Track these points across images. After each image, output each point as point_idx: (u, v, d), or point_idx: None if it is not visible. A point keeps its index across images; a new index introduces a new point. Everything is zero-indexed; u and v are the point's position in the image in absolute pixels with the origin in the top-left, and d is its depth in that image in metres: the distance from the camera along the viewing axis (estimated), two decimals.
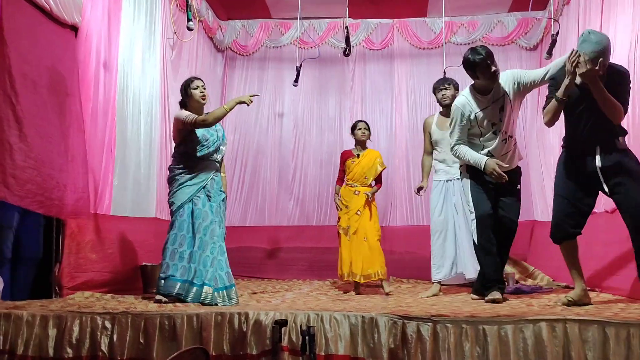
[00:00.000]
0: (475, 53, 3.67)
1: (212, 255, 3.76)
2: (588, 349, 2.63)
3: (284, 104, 7.34)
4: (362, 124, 5.10)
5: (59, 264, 3.98)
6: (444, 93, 4.61)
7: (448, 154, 4.39)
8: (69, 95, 4.07)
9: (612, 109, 3.22)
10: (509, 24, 6.95)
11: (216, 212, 3.88)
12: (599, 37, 3.22)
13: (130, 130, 4.93)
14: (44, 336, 3.07)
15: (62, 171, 3.89)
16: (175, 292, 3.71)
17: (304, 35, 7.12)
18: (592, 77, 3.18)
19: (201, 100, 3.98)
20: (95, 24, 4.40)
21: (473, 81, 3.80)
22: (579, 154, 3.41)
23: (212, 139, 3.97)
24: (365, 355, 2.87)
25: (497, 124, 3.75)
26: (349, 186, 4.99)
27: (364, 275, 4.74)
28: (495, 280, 3.81)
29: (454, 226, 4.55)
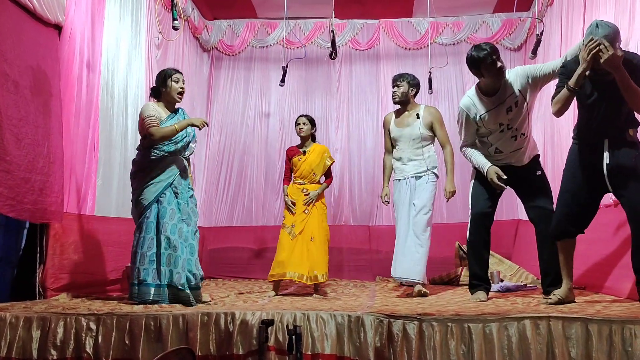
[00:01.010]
0: (479, 49, 3.57)
1: (182, 256, 3.64)
2: (571, 346, 2.67)
3: (270, 104, 7.34)
4: (301, 119, 4.89)
5: (42, 265, 3.94)
6: (394, 91, 4.46)
7: (405, 152, 4.37)
8: (52, 95, 4.03)
9: (634, 96, 3.03)
10: (493, 24, 7.01)
11: (184, 210, 3.74)
12: (609, 24, 3.06)
13: (115, 131, 4.90)
14: (28, 338, 3.04)
15: (40, 174, 3.83)
16: (151, 299, 3.58)
17: (290, 35, 7.12)
18: (616, 63, 2.98)
19: (177, 97, 3.83)
20: (79, 23, 4.36)
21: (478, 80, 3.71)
22: (588, 147, 3.30)
23: (180, 134, 3.77)
24: (351, 354, 2.88)
25: (504, 123, 3.66)
26: (296, 184, 4.79)
27: (310, 277, 4.50)
28: (481, 280, 3.84)
29: (403, 225, 4.37)
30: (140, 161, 3.80)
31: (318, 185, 4.80)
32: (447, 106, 7.04)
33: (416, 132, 4.36)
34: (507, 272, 5.54)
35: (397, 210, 4.46)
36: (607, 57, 2.96)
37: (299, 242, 4.59)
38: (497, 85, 3.63)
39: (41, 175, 3.84)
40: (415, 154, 4.36)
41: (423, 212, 4.28)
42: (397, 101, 4.46)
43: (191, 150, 3.95)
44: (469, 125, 3.76)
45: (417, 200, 4.29)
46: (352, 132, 7.17)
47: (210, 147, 7.26)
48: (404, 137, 4.39)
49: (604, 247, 3.99)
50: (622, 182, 3.18)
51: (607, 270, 3.97)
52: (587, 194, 3.30)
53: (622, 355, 2.62)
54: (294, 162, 4.84)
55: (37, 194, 3.79)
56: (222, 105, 7.34)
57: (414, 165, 4.35)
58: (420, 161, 4.35)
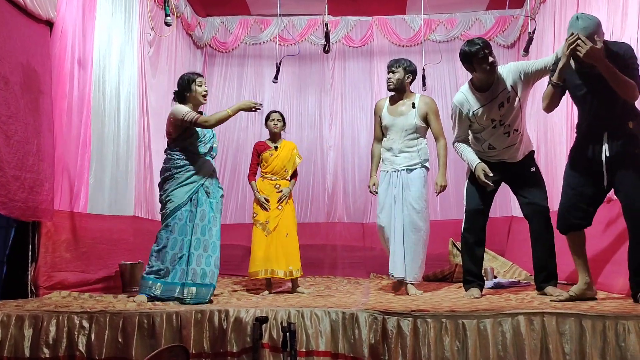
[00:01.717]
0: (472, 44, 3.56)
1: (205, 254, 3.70)
2: (565, 341, 2.68)
3: (264, 101, 7.29)
4: (275, 115, 4.87)
5: (34, 263, 3.91)
6: (388, 77, 4.27)
7: (396, 142, 4.22)
8: (42, 92, 3.99)
9: (623, 86, 2.99)
10: (486, 22, 7.02)
11: (216, 209, 3.80)
12: (590, 17, 3.07)
13: (107, 128, 4.87)
14: (20, 336, 3.01)
15: (30, 172, 3.80)
16: (175, 296, 3.61)
17: (283, 32, 7.11)
18: (596, 55, 2.98)
19: (202, 99, 3.88)
20: (71, 19, 4.33)
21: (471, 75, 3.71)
22: (588, 140, 3.27)
23: (208, 135, 3.91)
24: (345, 351, 2.88)
25: (496, 119, 3.66)
26: (267, 180, 4.74)
27: (286, 272, 4.54)
28: (474, 276, 3.85)
29: (393, 220, 4.19)
30: (170, 166, 3.81)
31: (288, 182, 4.80)
32: (441, 103, 6.99)
33: (410, 123, 4.20)
34: (501, 268, 5.56)
35: (384, 203, 4.25)
36: (586, 51, 2.96)
37: (273, 239, 4.60)
38: (490, 80, 3.63)
39: (31, 173, 3.81)
40: (407, 146, 4.21)
41: (422, 208, 4.17)
42: (392, 88, 4.29)
43: (216, 152, 4.05)
44: (462, 121, 3.76)
45: (413, 197, 4.15)
46: (345, 129, 7.17)
47: None
48: (396, 126, 4.23)
49: (596, 244, 4.00)
50: (620, 177, 3.15)
51: (599, 266, 3.98)
52: (590, 187, 3.28)
53: (616, 351, 2.63)
54: (264, 158, 4.77)
55: (27, 192, 3.76)
56: (215, 102, 7.30)
57: (405, 158, 4.20)
58: (412, 153, 4.20)
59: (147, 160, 5.56)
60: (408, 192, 4.16)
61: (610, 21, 4.20)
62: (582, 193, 3.29)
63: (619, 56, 3.06)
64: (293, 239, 4.69)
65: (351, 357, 2.87)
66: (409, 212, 4.14)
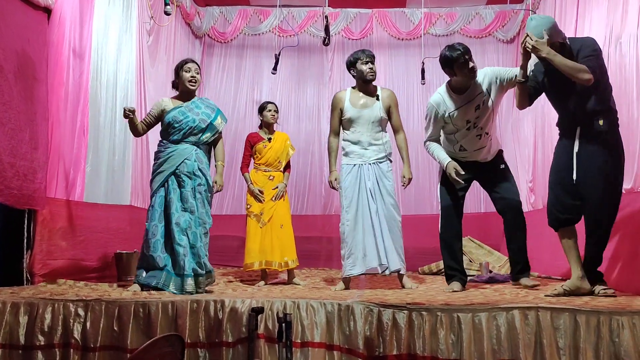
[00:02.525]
0: (453, 49, 3.65)
1: (182, 244, 3.64)
2: (559, 336, 2.69)
3: (262, 92, 7.30)
4: (271, 106, 4.86)
5: (30, 251, 3.91)
6: (371, 67, 4.13)
7: (364, 135, 4.10)
8: (37, 80, 3.96)
9: (571, 70, 3.14)
10: (486, 16, 7.01)
11: (186, 198, 3.72)
12: (542, 17, 3.34)
13: (103, 116, 4.85)
14: (15, 323, 3.01)
15: (23, 160, 3.79)
16: (154, 284, 3.61)
17: (282, 23, 7.08)
18: (541, 48, 3.18)
19: (189, 85, 3.84)
20: (69, 7, 4.30)
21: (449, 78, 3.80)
22: (566, 136, 3.39)
23: (185, 121, 3.77)
24: (341, 342, 2.89)
25: (471, 121, 3.76)
26: (261, 171, 4.76)
27: (281, 263, 4.57)
28: (455, 271, 3.89)
29: (369, 214, 4.04)
30: (155, 152, 3.89)
31: (282, 174, 4.82)
32: None
33: (376, 115, 4.11)
34: (496, 263, 5.58)
35: (352, 196, 4.06)
36: (532, 45, 3.21)
37: (268, 230, 4.62)
38: (468, 83, 3.72)
39: (25, 160, 3.79)
40: (374, 138, 4.12)
41: (394, 201, 4.14)
42: (374, 78, 4.19)
43: (207, 138, 3.89)
44: (437, 121, 3.83)
45: (388, 190, 4.09)
46: None
47: None
48: (362, 119, 4.11)
49: None
50: (584, 174, 3.25)
51: None
52: (570, 181, 3.32)
53: (610, 346, 2.65)
54: (258, 149, 4.77)
55: (22, 180, 3.75)
56: (213, 92, 7.30)
57: (374, 151, 4.11)
58: (379, 146, 4.12)
59: (143, 149, 5.55)
60: (383, 185, 4.09)
61: (610, 18, 4.20)
62: (565, 188, 3.35)
63: (579, 50, 3.23)
64: (288, 230, 4.70)
65: (346, 348, 2.87)
66: (388, 205, 4.07)
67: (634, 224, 3.67)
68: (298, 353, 2.87)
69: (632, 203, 3.73)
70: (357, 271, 4.00)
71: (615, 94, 4.01)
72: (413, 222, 4.85)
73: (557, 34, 3.26)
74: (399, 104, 7.01)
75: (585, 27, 4.68)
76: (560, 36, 3.27)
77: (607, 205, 3.22)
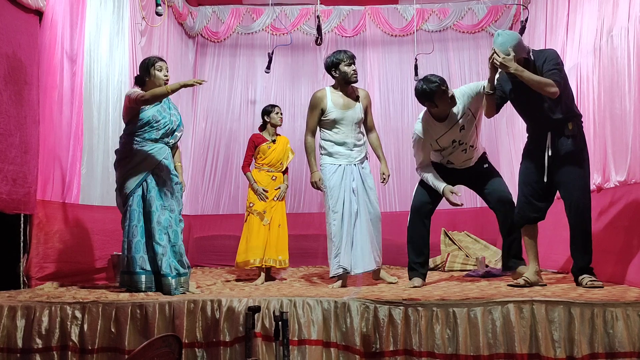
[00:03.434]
0: (429, 82, 3.69)
1: (162, 244, 3.61)
2: (554, 329, 2.71)
3: (256, 91, 7.30)
4: (278, 109, 4.95)
5: (26, 254, 3.90)
6: (354, 69, 4.12)
7: (349, 136, 4.10)
8: (28, 84, 3.94)
9: (538, 85, 3.33)
10: (479, 11, 7.01)
11: (165, 197, 3.71)
12: (508, 33, 3.49)
13: (97, 118, 4.84)
14: (12, 327, 3.02)
15: (12, 164, 3.76)
16: (142, 287, 3.57)
17: (275, 21, 7.07)
18: (508, 65, 3.35)
19: (163, 85, 3.75)
20: (60, 9, 4.29)
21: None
22: (535, 141, 3.57)
23: (163, 121, 3.75)
24: (337, 339, 2.90)
25: (457, 140, 3.82)
26: (264, 171, 4.86)
27: (277, 261, 4.72)
28: (416, 265, 3.95)
29: (355, 213, 4.06)
30: (122, 149, 3.77)
31: (282, 175, 4.94)
32: None
33: (358, 116, 4.15)
34: (492, 257, 5.60)
35: (338, 196, 4.05)
36: (499, 62, 3.38)
37: (269, 229, 4.73)
38: (448, 111, 3.76)
39: (14, 165, 3.77)
40: (357, 139, 4.16)
41: (376, 201, 4.22)
42: (357, 80, 4.18)
43: (176, 139, 3.90)
44: (425, 148, 3.91)
45: (372, 190, 4.17)
46: None
47: (196, 134, 7.22)
48: (347, 120, 4.11)
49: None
50: (560, 174, 3.44)
51: None
52: (540, 184, 3.53)
53: (604, 337, 2.67)
54: (262, 150, 4.87)
55: (10, 184, 3.72)
56: (207, 92, 7.29)
57: (358, 151, 4.15)
58: (362, 147, 4.20)
59: None
60: (368, 185, 4.17)
61: (601, 11, 4.21)
62: (533, 190, 3.57)
63: (544, 62, 3.41)
64: (284, 230, 4.84)
65: (343, 345, 2.89)
66: (374, 203, 4.16)
67: (628, 216, 3.69)
68: (295, 351, 2.88)
69: (626, 195, 3.76)
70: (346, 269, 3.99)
71: (607, 87, 4.05)
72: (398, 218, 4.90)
73: (522, 50, 3.45)
74: (394, 100, 7.18)
75: (577, 20, 4.70)
76: (525, 51, 3.46)
77: (587, 200, 3.42)
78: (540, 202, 3.56)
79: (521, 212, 3.62)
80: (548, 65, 3.39)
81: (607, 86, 4.05)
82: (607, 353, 2.67)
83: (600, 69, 4.16)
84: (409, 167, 6.92)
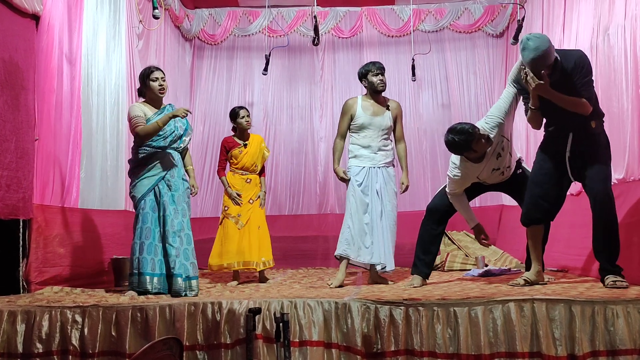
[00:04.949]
0: (459, 133, 3.58)
1: (175, 245, 3.70)
2: (555, 327, 2.72)
3: (254, 93, 7.30)
4: (244, 111, 4.89)
5: (26, 259, 3.89)
6: (381, 79, 4.30)
7: (374, 140, 4.28)
8: (24, 88, 3.93)
9: (574, 107, 3.28)
10: (475, 11, 7.02)
11: (178, 202, 3.81)
12: (537, 43, 3.19)
13: (95, 122, 4.83)
14: (12, 332, 3.01)
15: (7, 169, 3.73)
16: (151, 289, 3.64)
17: (272, 23, 7.07)
18: (542, 90, 3.27)
19: (158, 94, 3.90)
20: (57, 13, 4.28)
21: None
22: (554, 140, 3.49)
23: (168, 129, 3.86)
24: (339, 340, 2.90)
25: (496, 168, 3.79)
26: (238, 174, 4.85)
27: (259, 263, 4.71)
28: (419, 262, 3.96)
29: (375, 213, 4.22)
30: (134, 159, 3.91)
31: (258, 177, 4.93)
32: (430, 93, 7.07)
33: (386, 123, 4.32)
34: (492, 257, 5.60)
35: (363, 196, 4.22)
36: (533, 88, 3.27)
37: (246, 232, 4.73)
38: (486, 150, 3.69)
39: (8, 170, 3.75)
40: (383, 145, 4.32)
41: (396, 203, 4.36)
42: (384, 89, 4.37)
43: (185, 143, 4.03)
44: (465, 184, 3.87)
45: (392, 193, 4.30)
46: (336, 121, 7.04)
47: (194, 137, 7.19)
48: (374, 125, 4.29)
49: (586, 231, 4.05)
50: (585, 173, 3.36)
51: (588, 253, 4.03)
52: (554, 186, 3.48)
53: (605, 335, 2.67)
54: (234, 155, 4.85)
55: (4, 190, 3.70)
56: (205, 95, 7.29)
57: (383, 155, 4.30)
58: (387, 152, 4.33)
59: None
60: (390, 188, 4.30)
61: (598, 9, 4.23)
62: (543, 190, 3.50)
63: (573, 71, 3.28)
64: (264, 231, 4.84)
65: (344, 346, 2.89)
66: (391, 207, 4.27)
67: (627, 213, 3.70)
68: (296, 352, 2.88)
69: (625, 193, 3.76)
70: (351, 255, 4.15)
71: (604, 85, 4.06)
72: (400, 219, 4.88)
73: (552, 52, 3.25)
74: None
75: (574, 19, 4.71)
76: (554, 52, 3.27)
77: (611, 198, 3.33)
78: (547, 203, 3.50)
79: (527, 212, 3.57)
80: (579, 75, 3.27)
81: (604, 84, 4.06)
82: (608, 350, 2.67)
83: (597, 68, 4.16)
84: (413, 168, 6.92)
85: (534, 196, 3.53)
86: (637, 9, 3.66)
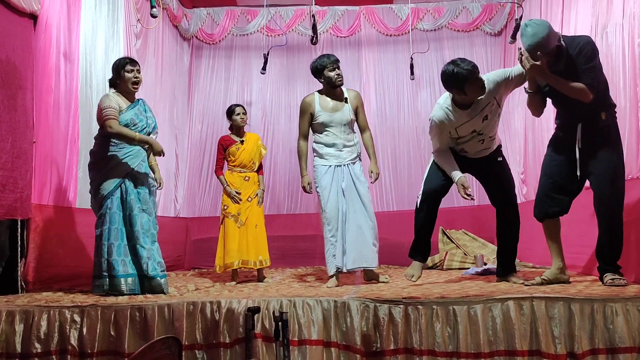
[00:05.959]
0: (460, 66, 3.44)
1: (146, 247, 3.66)
2: (554, 325, 2.72)
3: (252, 92, 7.30)
4: (239, 109, 4.88)
5: (24, 259, 3.89)
6: (338, 73, 4.18)
7: (338, 138, 4.17)
8: (22, 88, 3.92)
9: (572, 92, 3.19)
10: (473, 10, 7.02)
11: (144, 200, 3.72)
12: (535, 29, 3.14)
13: (94, 121, 4.81)
14: (11, 332, 3.00)
15: (3, 169, 3.71)
16: (125, 290, 3.57)
17: (270, 22, 7.07)
18: (537, 72, 3.21)
19: (132, 87, 3.76)
20: (55, 12, 4.27)
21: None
22: (564, 132, 3.41)
23: (140, 124, 3.75)
24: (338, 339, 2.90)
25: (477, 130, 3.65)
26: (236, 172, 4.84)
27: (256, 262, 4.72)
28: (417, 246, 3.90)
29: (345, 213, 4.14)
30: (98, 151, 3.77)
31: (256, 175, 4.91)
32: (429, 92, 7.06)
33: (347, 117, 4.19)
34: (491, 255, 5.60)
35: (329, 196, 4.14)
36: (527, 69, 3.21)
37: (244, 230, 4.74)
38: (474, 99, 3.56)
39: (4, 170, 3.73)
40: (347, 140, 4.20)
41: (370, 200, 4.23)
42: (342, 83, 4.23)
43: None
44: (443, 135, 3.71)
45: (364, 189, 4.18)
46: None
47: (193, 136, 7.22)
48: (335, 122, 4.18)
49: (584, 229, 4.05)
50: (592, 166, 3.28)
51: (587, 251, 4.03)
52: (566, 177, 3.39)
53: (604, 333, 2.68)
54: (231, 152, 4.85)
55: (0, 190, 3.70)
56: (203, 94, 7.29)
57: (348, 152, 4.19)
58: (352, 147, 4.22)
59: None
60: (359, 185, 4.18)
61: (596, 8, 4.22)
62: (557, 183, 3.41)
63: (577, 57, 3.18)
64: (262, 230, 4.84)
65: (343, 345, 2.89)
66: (365, 203, 4.16)
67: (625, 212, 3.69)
68: (296, 351, 2.88)
69: None
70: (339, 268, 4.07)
71: None
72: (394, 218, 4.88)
73: (554, 39, 3.18)
74: (389, 100, 7.18)
75: (572, 17, 4.71)
76: (556, 39, 3.20)
77: (618, 196, 3.25)
78: (561, 195, 3.40)
79: (540, 207, 3.47)
80: (582, 61, 3.16)
81: None
82: (608, 348, 2.68)
83: None
84: (405, 167, 6.93)
85: (545, 189, 3.44)
86: (635, 7, 3.66)
